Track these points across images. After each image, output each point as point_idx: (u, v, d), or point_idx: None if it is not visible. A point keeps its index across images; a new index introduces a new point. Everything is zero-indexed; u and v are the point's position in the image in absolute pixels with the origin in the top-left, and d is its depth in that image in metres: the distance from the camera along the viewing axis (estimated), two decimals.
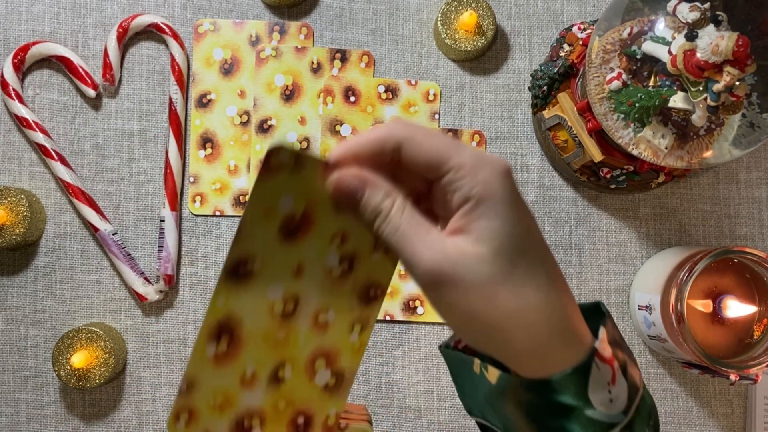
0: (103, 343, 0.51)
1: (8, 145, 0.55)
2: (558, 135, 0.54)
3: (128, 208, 0.55)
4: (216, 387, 0.35)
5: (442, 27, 0.55)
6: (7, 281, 0.54)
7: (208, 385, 0.35)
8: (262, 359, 0.35)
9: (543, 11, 0.58)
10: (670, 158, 0.46)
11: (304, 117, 0.56)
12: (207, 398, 0.35)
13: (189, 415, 0.35)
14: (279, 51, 0.56)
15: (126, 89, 0.56)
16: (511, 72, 0.57)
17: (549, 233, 0.56)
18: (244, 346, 0.35)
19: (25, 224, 0.51)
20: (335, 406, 0.37)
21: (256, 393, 0.36)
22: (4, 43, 0.55)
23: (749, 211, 0.57)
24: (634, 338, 0.56)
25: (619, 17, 0.47)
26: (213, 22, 0.56)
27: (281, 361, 0.36)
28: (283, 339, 0.35)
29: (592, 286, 0.56)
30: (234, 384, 0.35)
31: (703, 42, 0.42)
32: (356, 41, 0.57)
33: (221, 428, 0.36)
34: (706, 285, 0.49)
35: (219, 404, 0.36)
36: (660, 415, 0.55)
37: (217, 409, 0.36)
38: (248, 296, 0.34)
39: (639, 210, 0.57)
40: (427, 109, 0.56)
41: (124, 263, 0.53)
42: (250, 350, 0.35)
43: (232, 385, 0.35)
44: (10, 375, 0.53)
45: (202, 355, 0.34)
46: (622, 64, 0.46)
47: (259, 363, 0.35)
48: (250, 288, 0.33)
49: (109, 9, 0.56)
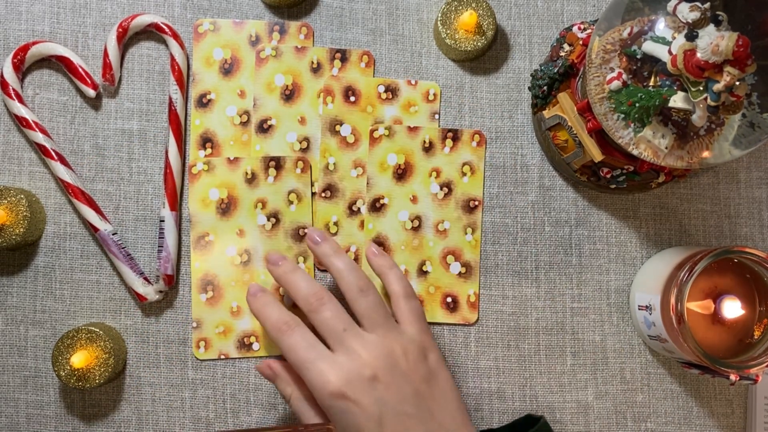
0: (103, 343, 0.51)
1: (8, 145, 0.55)
2: (558, 135, 0.54)
3: (128, 208, 0.55)
4: (216, 321, 0.54)
5: (442, 27, 0.55)
6: (7, 281, 0.54)
7: (209, 320, 0.54)
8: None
9: (543, 11, 0.58)
10: (670, 158, 0.46)
11: (304, 117, 0.56)
12: (212, 329, 0.54)
13: (205, 343, 0.54)
14: (279, 51, 0.56)
15: (126, 89, 0.56)
16: (511, 72, 0.57)
17: (549, 233, 0.56)
18: (225, 291, 0.54)
19: (25, 224, 0.51)
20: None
21: (245, 319, 0.54)
22: (3, 43, 0.55)
23: (749, 211, 0.58)
24: (634, 338, 0.56)
25: (619, 17, 0.47)
26: (213, 22, 0.56)
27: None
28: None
29: (592, 286, 0.56)
30: (227, 316, 0.54)
31: (703, 42, 0.42)
32: (356, 41, 0.57)
33: (229, 348, 0.54)
34: (706, 285, 0.49)
35: (222, 332, 0.54)
36: (660, 415, 0.56)
37: (222, 335, 0.54)
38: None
39: (639, 210, 0.57)
40: (427, 109, 0.56)
41: (123, 263, 0.53)
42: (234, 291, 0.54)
43: (226, 317, 0.54)
44: (10, 375, 0.53)
45: (198, 300, 0.54)
46: (622, 64, 0.46)
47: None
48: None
49: (109, 9, 0.56)
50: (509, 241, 0.56)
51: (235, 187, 0.55)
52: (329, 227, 0.55)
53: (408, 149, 0.56)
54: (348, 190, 0.56)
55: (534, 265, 0.56)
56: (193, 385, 0.54)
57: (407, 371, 0.46)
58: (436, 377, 0.47)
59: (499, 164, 0.57)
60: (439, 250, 0.55)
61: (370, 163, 0.56)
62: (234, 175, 0.55)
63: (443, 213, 0.56)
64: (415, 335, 0.48)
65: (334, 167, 0.56)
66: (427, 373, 0.47)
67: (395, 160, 0.56)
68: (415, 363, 0.46)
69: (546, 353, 0.56)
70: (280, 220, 0.55)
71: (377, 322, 0.47)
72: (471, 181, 0.56)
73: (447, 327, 0.55)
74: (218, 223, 0.54)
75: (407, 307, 0.49)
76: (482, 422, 0.55)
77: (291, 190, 0.55)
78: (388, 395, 0.45)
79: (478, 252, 0.55)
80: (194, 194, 0.54)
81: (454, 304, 0.55)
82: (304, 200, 0.55)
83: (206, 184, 0.54)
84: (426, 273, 0.55)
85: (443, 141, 0.56)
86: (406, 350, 0.47)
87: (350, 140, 0.56)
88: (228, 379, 0.54)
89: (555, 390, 0.55)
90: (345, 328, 0.46)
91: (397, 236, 0.55)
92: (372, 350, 0.46)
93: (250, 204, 0.55)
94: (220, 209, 0.54)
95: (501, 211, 0.56)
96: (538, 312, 0.56)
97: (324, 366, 0.45)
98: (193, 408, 0.54)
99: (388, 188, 0.56)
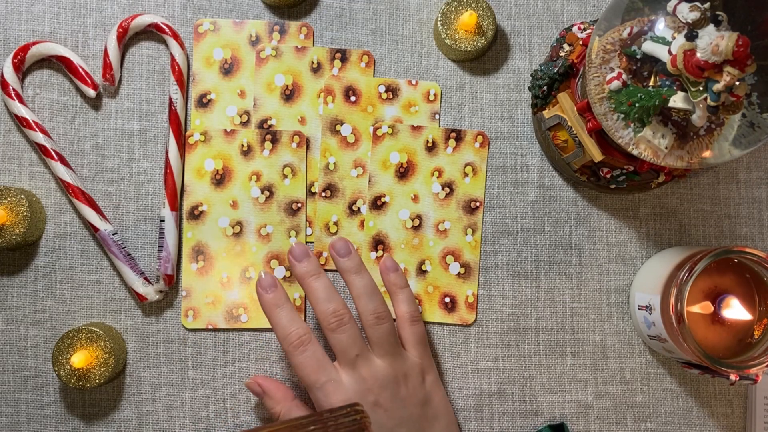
0: (103, 343, 0.51)
1: (8, 145, 0.55)
2: (558, 135, 0.54)
3: (128, 208, 0.55)
4: (206, 291, 0.54)
5: (442, 27, 0.55)
6: (7, 281, 0.54)
7: (199, 290, 0.54)
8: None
9: (543, 11, 0.58)
10: (670, 158, 0.46)
11: (304, 117, 0.56)
12: (202, 299, 0.54)
13: (193, 312, 0.54)
14: (279, 51, 0.56)
15: (126, 89, 0.56)
16: (511, 72, 0.58)
17: (549, 233, 0.56)
18: (216, 262, 0.54)
19: (25, 224, 0.51)
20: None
21: (234, 291, 0.54)
22: (4, 43, 0.55)
23: (749, 211, 0.58)
24: (634, 338, 0.56)
25: (619, 17, 0.47)
26: (213, 22, 0.56)
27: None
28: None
29: (592, 286, 0.56)
30: (217, 287, 0.54)
31: (703, 42, 0.42)
32: (356, 41, 0.57)
33: (218, 318, 0.54)
34: (706, 285, 0.49)
35: (211, 302, 0.54)
36: (660, 415, 0.56)
37: (211, 305, 0.54)
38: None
39: (639, 210, 0.57)
40: (427, 109, 0.56)
41: (124, 263, 0.53)
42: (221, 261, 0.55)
43: (216, 288, 0.54)
44: (10, 375, 0.53)
45: (188, 269, 0.54)
46: (622, 64, 0.46)
47: None
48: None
49: (109, 9, 0.56)
50: (509, 241, 0.56)
51: (231, 158, 0.55)
52: (329, 227, 0.55)
53: (411, 148, 0.56)
54: (348, 189, 0.56)
55: (534, 265, 0.56)
56: (193, 385, 0.54)
57: (406, 397, 0.49)
58: (431, 399, 0.50)
59: (499, 164, 0.57)
60: (439, 250, 0.55)
61: (373, 161, 0.56)
62: (230, 146, 0.55)
63: (444, 213, 0.56)
64: (417, 359, 0.51)
65: (334, 167, 0.56)
66: (424, 397, 0.50)
67: (398, 158, 0.56)
68: (414, 388, 0.49)
69: (546, 353, 0.56)
70: (273, 194, 0.55)
71: (387, 350, 0.49)
72: (473, 181, 0.56)
73: (447, 327, 0.55)
74: (212, 194, 0.54)
75: (411, 331, 0.51)
76: (482, 422, 0.55)
77: (286, 164, 0.55)
78: (386, 419, 0.47)
79: (477, 253, 0.56)
80: (189, 164, 0.54)
81: (452, 304, 0.55)
82: (299, 175, 0.55)
83: (202, 155, 0.55)
84: (425, 272, 0.55)
85: (446, 141, 0.56)
86: (407, 376, 0.49)
87: (350, 140, 0.56)
88: (228, 379, 0.54)
89: (555, 390, 0.55)
90: (358, 354, 0.48)
91: (398, 235, 0.55)
92: (379, 378, 0.48)
93: (245, 176, 0.55)
94: (215, 180, 0.55)
95: (501, 211, 0.56)
96: (538, 312, 0.56)
97: (331, 389, 0.47)
98: (193, 408, 0.54)
99: (389, 186, 0.56)
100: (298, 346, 0.47)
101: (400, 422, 0.48)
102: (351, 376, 0.48)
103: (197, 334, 0.54)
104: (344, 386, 0.47)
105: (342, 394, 0.47)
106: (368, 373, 0.48)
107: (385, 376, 0.48)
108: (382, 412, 0.48)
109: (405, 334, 0.51)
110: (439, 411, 0.51)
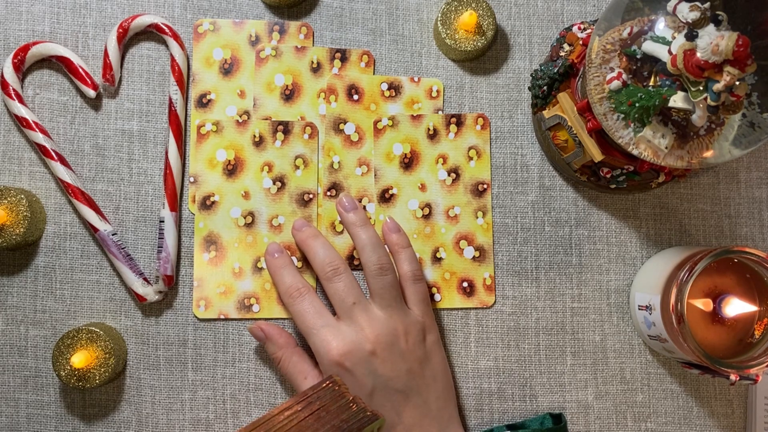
0: (103, 344, 0.51)
1: (8, 145, 0.55)
2: (558, 135, 0.54)
3: (128, 209, 0.55)
4: (217, 281, 0.54)
5: (442, 27, 0.55)
6: (7, 281, 0.54)
7: (211, 280, 0.54)
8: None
9: (543, 11, 0.58)
10: (670, 158, 0.46)
11: (303, 116, 0.56)
12: (214, 288, 0.54)
13: (205, 302, 0.54)
14: (279, 51, 0.56)
15: (126, 89, 0.56)
16: (511, 72, 0.58)
17: (549, 233, 0.56)
18: (228, 252, 0.54)
19: (25, 224, 0.51)
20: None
21: (246, 281, 0.54)
22: (4, 43, 0.55)
23: (749, 211, 0.58)
24: (634, 338, 0.56)
25: (619, 17, 0.47)
26: (213, 22, 0.56)
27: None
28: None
29: (592, 286, 0.56)
30: (229, 277, 0.54)
31: (703, 42, 0.42)
32: (356, 41, 0.57)
33: (229, 308, 0.54)
34: (706, 285, 0.49)
35: (223, 292, 0.54)
36: (660, 415, 0.56)
37: (222, 295, 0.54)
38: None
39: (639, 210, 0.57)
40: (430, 106, 0.57)
41: (123, 263, 0.53)
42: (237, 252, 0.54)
43: (228, 278, 0.54)
44: (10, 375, 0.53)
45: (200, 260, 0.54)
46: (622, 64, 0.46)
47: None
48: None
49: (109, 9, 0.56)
50: (509, 241, 0.56)
51: (243, 149, 0.55)
52: (335, 226, 0.55)
53: (413, 138, 0.56)
54: (353, 188, 0.56)
55: (534, 265, 0.56)
56: (193, 386, 0.54)
57: (405, 351, 0.49)
58: (430, 359, 0.50)
59: (499, 164, 0.57)
60: (452, 236, 0.55)
61: (376, 155, 0.56)
62: (242, 137, 0.55)
63: (453, 198, 0.56)
64: (419, 316, 0.51)
65: (338, 166, 0.56)
66: (423, 355, 0.50)
67: (401, 149, 0.56)
68: (414, 344, 0.49)
69: (546, 353, 0.56)
70: (285, 184, 0.55)
71: (388, 302, 0.49)
72: (478, 164, 0.56)
73: (448, 328, 0.55)
74: (224, 184, 0.55)
75: (414, 290, 0.51)
76: (482, 422, 0.55)
77: (298, 155, 0.55)
78: (382, 370, 0.48)
79: (490, 235, 0.56)
80: (201, 154, 0.55)
81: (471, 288, 0.55)
82: (311, 166, 0.55)
83: (214, 145, 0.55)
84: (440, 260, 0.55)
85: (447, 127, 0.56)
86: (407, 331, 0.49)
87: (354, 138, 0.56)
88: (228, 380, 0.54)
89: (555, 390, 0.55)
90: (355, 302, 0.49)
91: (409, 225, 0.55)
92: (376, 327, 0.48)
93: (257, 167, 0.55)
94: (227, 170, 0.55)
95: (501, 211, 0.56)
96: (538, 312, 0.56)
97: (328, 334, 0.48)
98: (193, 409, 0.54)
99: (395, 178, 0.56)
100: (297, 297, 0.50)
101: (396, 375, 0.48)
102: (348, 325, 0.49)
103: (197, 334, 0.54)
104: (341, 333, 0.48)
105: (339, 341, 0.48)
106: (365, 321, 0.49)
107: (383, 326, 0.49)
108: (379, 363, 0.48)
109: (408, 293, 0.51)
110: (437, 372, 0.50)
